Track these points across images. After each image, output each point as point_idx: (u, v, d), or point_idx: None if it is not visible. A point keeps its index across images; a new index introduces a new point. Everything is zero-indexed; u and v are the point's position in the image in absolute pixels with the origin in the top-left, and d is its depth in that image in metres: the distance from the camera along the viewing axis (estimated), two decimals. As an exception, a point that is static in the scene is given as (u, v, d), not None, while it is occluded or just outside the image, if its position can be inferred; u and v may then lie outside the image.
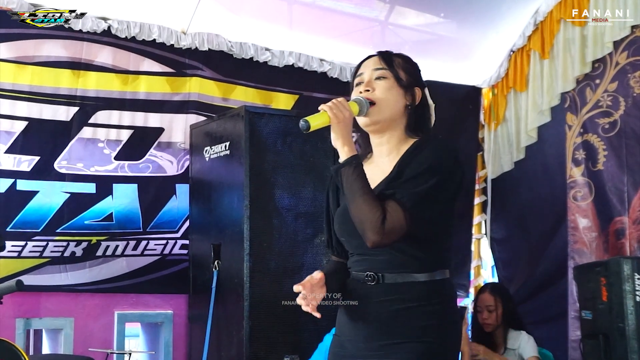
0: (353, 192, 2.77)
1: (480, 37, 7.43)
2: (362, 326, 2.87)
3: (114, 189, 5.95)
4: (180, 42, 6.13)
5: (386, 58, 3.05)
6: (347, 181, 2.79)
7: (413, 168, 2.82)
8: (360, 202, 2.75)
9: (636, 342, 5.26)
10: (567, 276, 6.73)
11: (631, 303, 5.31)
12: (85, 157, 5.85)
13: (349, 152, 2.81)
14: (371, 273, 2.86)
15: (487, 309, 5.74)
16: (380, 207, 2.73)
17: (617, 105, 6.63)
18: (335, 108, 2.82)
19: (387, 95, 2.96)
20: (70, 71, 5.77)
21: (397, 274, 2.84)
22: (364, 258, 2.91)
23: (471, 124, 7.81)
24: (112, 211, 5.94)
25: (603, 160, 6.70)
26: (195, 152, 6.01)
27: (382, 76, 2.99)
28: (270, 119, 5.51)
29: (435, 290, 2.85)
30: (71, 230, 5.80)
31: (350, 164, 2.79)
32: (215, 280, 5.54)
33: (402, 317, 2.81)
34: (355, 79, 3.06)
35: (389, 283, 2.84)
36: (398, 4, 7.02)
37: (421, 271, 2.84)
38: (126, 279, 6.04)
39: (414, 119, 3.03)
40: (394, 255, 2.83)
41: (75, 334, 5.85)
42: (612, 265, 5.47)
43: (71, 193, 5.79)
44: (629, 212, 6.49)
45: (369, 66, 3.03)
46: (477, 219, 7.85)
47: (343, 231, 2.99)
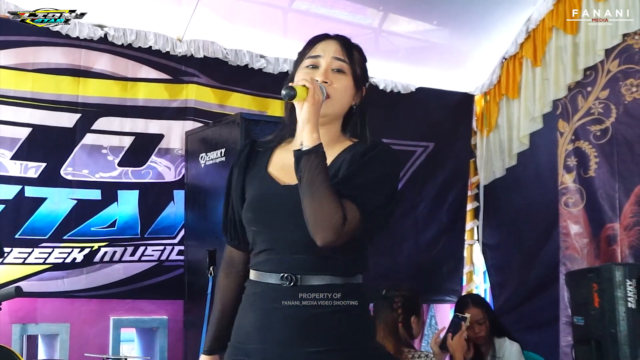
0: (315, 185, 2.53)
1: (473, 45, 7.47)
2: (277, 333, 2.64)
3: (118, 195, 5.96)
4: (176, 49, 6.13)
5: (347, 49, 2.86)
6: (309, 171, 2.54)
7: (371, 173, 2.67)
8: (321, 198, 2.52)
9: (628, 348, 5.28)
10: (559, 282, 6.77)
11: (623, 309, 5.33)
12: (90, 163, 5.85)
13: (316, 140, 2.58)
14: (287, 274, 2.65)
15: (477, 323, 5.68)
16: (341, 207, 2.53)
17: (609, 112, 6.68)
18: (315, 87, 2.63)
19: (343, 93, 2.80)
20: (71, 78, 5.76)
21: (315, 275, 2.66)
22: (276, 257, 2.70)
23: (464, 130, 7.86)
24: (117, 218, 5.95)
25: (594, 167, 6.75)
26: (191, 158, 6.02)
27: (341, 69, 2.81)
28: (266, 126, 5.50)
29: (353, 293, 2.70)
30: (77, 237, 5.80)
31: (317, 153, 2.56)
32: (211, 286, 5.55)
33: (322, 322, 2.64)
34: (306, 59, 2.85)
35: (307, 285, 2.65)
36: (391, 12, 7.05)
37: (341, 274, 2.68)
38: (122, 285, 6.03)
39: (358, 120, 2.87)
40: (316, 256, 2.64)
41: (71, 340, 5.83)
42: (604, 271, 5.49)
43: (78, 200, 5.79)
44: (620, 218, 6.54)
45: (329, 52, 2.83)
46: (469, 225, 7.89)
47: (258, 220, 2.76)
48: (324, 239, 2.54)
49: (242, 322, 2.76)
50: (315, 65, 2.82)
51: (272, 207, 2.73)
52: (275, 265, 2.70)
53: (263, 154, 2.91)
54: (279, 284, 2.67)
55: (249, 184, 2.86)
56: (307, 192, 2.55)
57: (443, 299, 7.68)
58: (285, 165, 2.79)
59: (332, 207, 2.53)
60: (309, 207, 2.55)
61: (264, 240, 2.75)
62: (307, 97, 2.61)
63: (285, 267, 2.67)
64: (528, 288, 7.28)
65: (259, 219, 2.76)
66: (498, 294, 7.51)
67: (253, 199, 2.80)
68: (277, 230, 2.71)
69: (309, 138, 2.58)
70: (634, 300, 5.35)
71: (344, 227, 2.53)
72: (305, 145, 2.58)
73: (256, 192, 2.81)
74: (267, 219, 2.74)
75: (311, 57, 2.84)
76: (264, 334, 2.66)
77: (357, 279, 2.75)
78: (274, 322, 2.66)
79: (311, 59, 2.83)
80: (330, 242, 2.54)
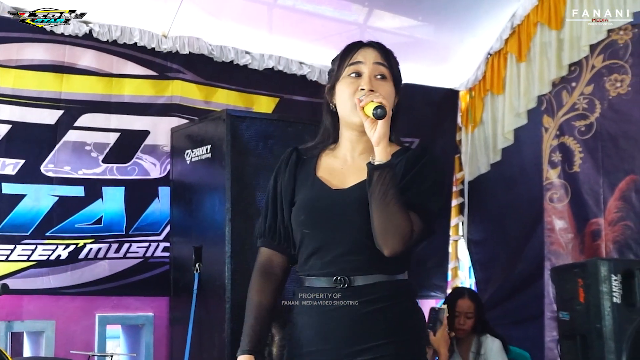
0: (388, 198, 2.64)
1: (458, 40, 7.48)
2: (334, 333, 2.76)
3: (103, 192, 5.93)
4: (161, 45, 6.12)
5: (386, 54, 2.93)
6: (381, 185, 2.65)
7: (424, 180, 2.77)
8: (393, 211, 2.64)
9: (613, 343, 5.30)
10: (544, 277, 6.80)
11: (608, 304, 5.35)
12: (72, 160, 5.82)
13: (389, 155, 2.70)
14: (340, 277, 2.76)
15: (465, 315, 5.69)
16: (410, 220, 2.67)
17: (593, 108, 6.71)
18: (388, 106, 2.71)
19: (388, 99, 2.81)
20: (54, 74, 5.74)
21: (366, 275, 2.76)
22: (327, 259, 2.80)
23: (448, 126, 7.87)
24: (102, 214, 5.93)
25: (579, 162, 6.78)
26: (177, 155, 6.01)
27: (384, 75, 2.88)
28: (252, 122, 5.51)
29: (401, 289, 2.83)
30: (61, 233, 5.78)
31: (391, 168, 2.68)
32: (197, 283, 5.55)
33: (376, 318, 2.75)
34: (348, 66, 2.89)
35: (359, 285, 2.76)
36: (376, 8, 7.05)
37: (387, 272, 2.80)
38: (108, 282, 6.01)
39: (395, 123, 2.90)
40: (363, 256, 2.76)
41: (57, 337, 5.81)
42: (590, 266, 5.51)
43: (59, 196, 5.77)
44: (604, 213, 6.57)
45: (370, 58, 2.89)
46: (454, 221, 7.90)
47: (310, 222, 2.85)
48: (392, 249, 2.69)
49: (302, 327, 2.86)
50: (358, 72, 2.88)
51: (324, 210, 2.83)
52: (327, 267, 2.80)
53: (310, 160, 3.00)
54: (333, 287, 2.78)
55: (298, 188, 2.94)
56: (379, 205, 2.67)
57: (428, 295, 7.68)
58: (334, 170, 2.93)
59: (402, 220, 2.66)
60: (379, 219, 2.67)
61: (315, 241, 2.84)
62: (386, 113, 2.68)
63: (337, 269, 2.78)
64: (513, 283, 7.29)
65: (311, 221, 2.85)
66: (483, 290, 7.51)
67: (305, 202, 2.89)
68: (328, 232, 2.80)
69: (383, 153, 2.69)
70: (619, 295, 5.36)
71: (412, 238, 2.70)
72: (378, 159, 2.69)
73: (308, 196, 2.90)
74: (320, 221, 2.83)
75: (353, 64, 2.89)
76: (323, 337, 2.79)
77: (403, 275, 2.87)
78: (331, 324, 2.77)
79: (353, 66, 2.89)
80: (398, 251, 2.69)
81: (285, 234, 2.96)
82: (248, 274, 5.32)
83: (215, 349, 5.41)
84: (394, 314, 2.78)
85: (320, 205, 2.85)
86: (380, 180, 2.66)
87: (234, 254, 5.32)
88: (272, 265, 3.00)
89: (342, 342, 2.75)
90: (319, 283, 2.82)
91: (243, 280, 5.31)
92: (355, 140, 2.92)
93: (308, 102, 6.66)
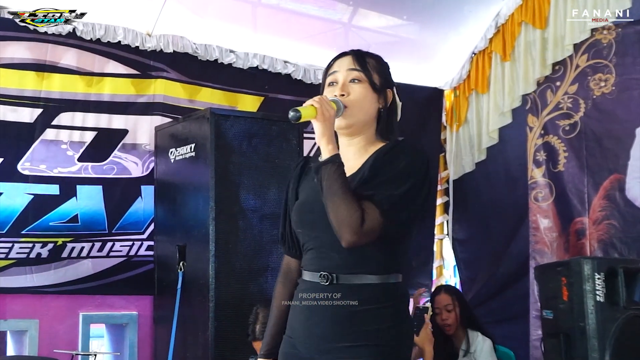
0: (333, 191, 2.73)
1: (443, 40, 7.48)
2: (316, 327, 2.84)
3: (77, 190, 5.92)
4: (145, 44, 6.11)
5: (360, 59, 3.01)
6: (327, 179, 2.75)
7: (389, 171, 2.82)
8: (339, 202, 2.71)
9: (597, 341, 5.30)
10: (529, 276, 6.79)
11: (592, 302, 5.35)
12: (48, 158, 5.82)
13: (332, 151, 2.79)
14: (325, 273, 2.84)
15: (445, 309, 5.73)
16: (359, 208, 2.70)
17: (578, 107, 6.71)
18: (322, 105, 2.81)
19: (361, 100, 2.94)
20: (35, 73, 5.73)
21: (352, 274, 2.82)
22: (319, 255, 2.89)
23: (433, 125, 7.88)
24: (78, 213, 5.91)
25: (564, 161, 6.78)
26: (160, 153, 6.00)
27: (357, 79, 2.96)
28: (236, 121, 5.50)
29: (389, 293, 2.84)
30: (36, 231, 5.77)
31: (334, 162, 2.76)
32: (181, 282, 5.54)
33: (357, 319, 2.78)
34: (327, 77, 3.03)
35: (344, 284, 2.82)
36: (361, 7, 7.05)
37: (376, 273, 2.83)
38: (91, 281, 6.01)
39: (385, 123, 3.02)
40: (352, 254, 2.79)
41: (41, 336, 5.81)
42: (573, 265, 5.51)
43: (35, 194, 5.76)
44: (589, 212, 6.57)
45: (344, 66, 3.00)
46: (439, 220, 7.91)
47: (301, 223, 2.97)
48: (346, 240, 2.72)
49: (292, 316, 2.98)
50: (335, 81, 3.00)
51: (313, 210, 2.90)
52: (316, 264, 2.90)
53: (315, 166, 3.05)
54: (318, 282, 2.87)
55: (300, 193, 3.07)
56: (327, 197, 2.76)
57: (413, 294, 7.68)
58: None
59: (349, 208, 2.71)
60: (330, 211, 2.75)
61: (307, 241, 2.96)
62: (317, 115, 2.79)
63: (323, 266, 2.87)
64: (498, 282, 7.31)
65: (301, 221, 2.98)
66: (468, 288, 7.52)
67: (298, 204, 3.02)
68: (317, 232, 2.89)
69: (326, 150, 2.80)
70: (602, 293, 5.37)
71: (363, 227, 2.71)
72: (323, 156, 2.80)
73: (302, 198, 3.03)
74: (309, 221, 2.94)
75: (330, 75, 3.03)
76: (306, 329, 2.88)
77: (394, 277, 2.88)
78: (314, 318, 2.86)
79: (331, 75, 3.02)
80: (352, 242, 2.72)
81: (293, 239, 3.09)
82: (232, 273, 5.38)
83: (199, 348, 5.40)
84: (378, 317, 2.81)
85: (308, 206, 2.95)
86: (325, 176, 2.76)
87: (218, 252, 5.32)
88: (290, 271, 3.15)
89: (322, 338, 2.82)
90: (310, 277, 2.92)
91: (227, 279, 5.32)
92: (346, 144, 3.00)
93: (293, 100, 6.64)
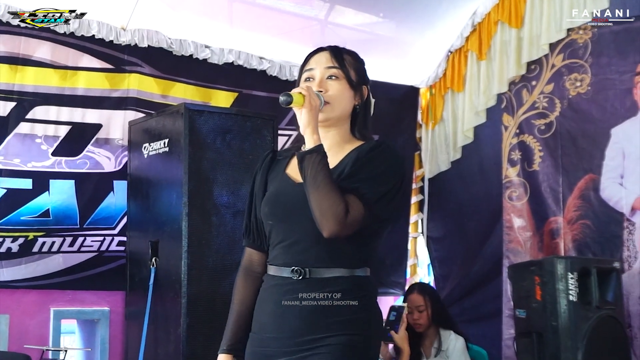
0: (317, 181, 2.75)
1: (419, 38, 7.49)
2: (288, 323, 2.85)
3: (50, 184, 5.88)
4: (119, 38, 6.06)
5: (337, 56, 3.04)
6: (311, 169, 2.77)
7: (373, 169, 2.85)
8: (324, 192, 2.74)
9: (569, 341, 5.34)
10: (502, 275, 6.82)
11: (564, 302, 5.39)
12: (22, 152, 5.77)
13: (317, 140, 2.81)
14: (297, 268, 2.86)
15: (417, 310, 5.73)
16: (343, 199, 2.73)
17: (553, 106, 6.74)
18: (310, 94, 2.84)
19: (339, 97, 2.98)
20: (8, 66, 5.67)
21: (324, 268, 2.85)
22: (288, 250, 2.90)
23: (409, 123, 7.88)
24: (49, 207, 5.87)
25: (539, 160, 6.81)
26: (134, 148, 5.95)
27: (334, 75, 3.00)
28: (210, 117, 5.47)
29: (359, 285, 2.89)
30: (7, 226, 5.73)
31: (318, 152, 2.79)
32: (153, 278, 5.52)
33: (328, 311, 2.82)
34: (303, 73, 3.06)
35: (316, 278, 2.85)
36: (338, 4, 7.04)
37: (347, 267, 2.87)
38: (62, 276, 5.98)
39: (361, 119, 3.07)
40: (325, 248, 2.83)
41: (11, 331, 5.77)
42: (547, 264, 5.55)
43: (7, 189, 5.72)
44: (563, 212, 6.60)
45: (321, 63, 3.03)
46: (413, 218, 7.92)
47: (273, 215, 2.97)
48: (328, 229, 2.75)
49: (259, 313, 2.98)
50: (311, 77, 3.03)
51: (285, 202, 2.94)
52: (288, 258, 2.91)
53: (284, 160, 3.12)
54: (290, 277, 2.87)
55: (269, 185, 3.08)
56: (311, 187, 2.77)
57: (387, 292, 7.69)
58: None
59: (334, 198, 2.74)
60: (313, 200, 2.76)
61: (278, 233, 2.95)
62: (304, 103, 2.83)
63: (295, 261, 2.88)
64: (471, 281, 7.32)
65: (274, 213, 2.97)
66: (442, 287, 7.53)
67: (269, 195, 3.02)
68: (289, 224, 2.91)
69: (310, 140, 2.82)
70: (575, 293, 5.41)
71: (347, 218, 2.74)
72: (307, 146, 2.83)
73: (273, 190, 3.03)
74: (281, 212, 2.95)
75: (307, 71, 3.05)
76: (278, 325, 2.88)
77: (363, 271, 2.93)
78: (286, 313, 2.86)
79: (307, 72, 3.05)
80: (335, 232, 2.75)
81: (259, 231, 3.08)
82: (204, 269, 5.36)
83: (171, 344, 5.37)
84: (350, 308, 2.84)
85: (281, 198, 2.96)
86: (309, 165, 2.78)
87: (191, 248, 5.29)
88: (252, 264, 3.13)
89: (296, 332, 2.83)
90: (279, 272, 2.92)
91: (199, 275, 5.30)
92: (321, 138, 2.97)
93: (268, 97, 6.63)
